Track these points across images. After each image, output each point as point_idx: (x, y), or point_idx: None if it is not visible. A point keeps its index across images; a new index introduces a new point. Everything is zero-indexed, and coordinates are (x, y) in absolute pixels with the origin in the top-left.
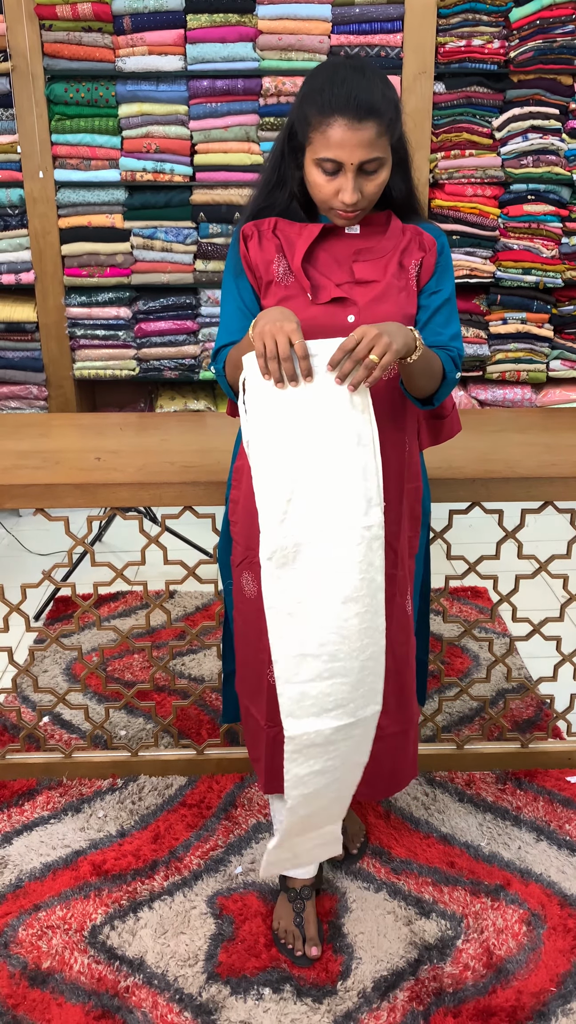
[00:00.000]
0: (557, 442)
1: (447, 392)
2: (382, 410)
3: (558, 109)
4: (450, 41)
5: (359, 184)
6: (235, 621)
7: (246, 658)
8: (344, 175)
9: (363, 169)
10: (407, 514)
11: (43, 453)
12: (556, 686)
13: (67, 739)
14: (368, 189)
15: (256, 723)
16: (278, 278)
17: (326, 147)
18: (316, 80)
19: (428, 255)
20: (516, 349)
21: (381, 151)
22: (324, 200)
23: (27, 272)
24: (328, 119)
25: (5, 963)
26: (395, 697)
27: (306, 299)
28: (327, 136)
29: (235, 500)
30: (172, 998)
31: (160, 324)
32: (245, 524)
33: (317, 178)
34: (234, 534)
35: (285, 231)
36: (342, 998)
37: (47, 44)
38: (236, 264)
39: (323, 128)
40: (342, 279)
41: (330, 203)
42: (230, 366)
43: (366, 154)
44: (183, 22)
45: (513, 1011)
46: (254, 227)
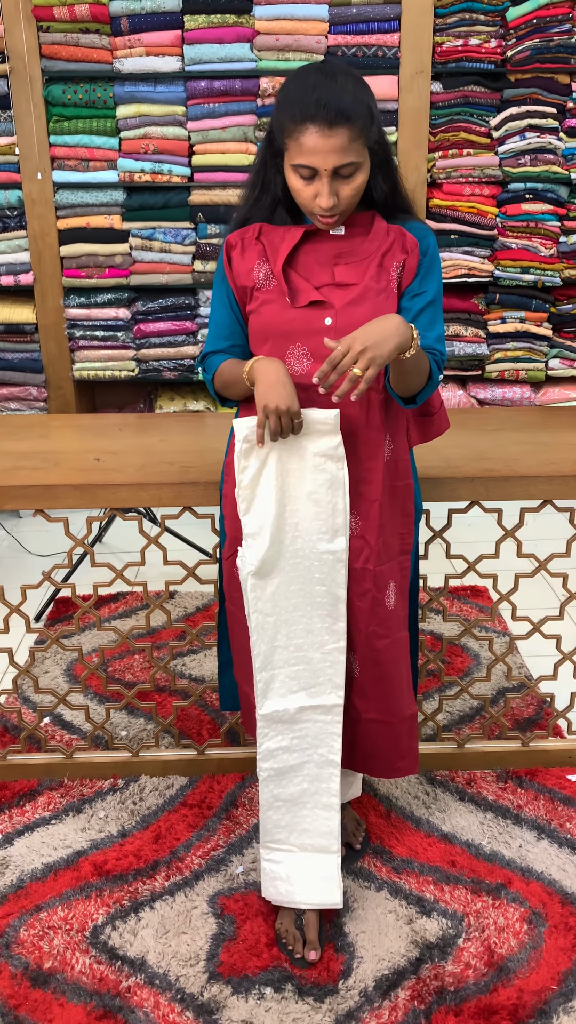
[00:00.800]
0: (556, 441)
1: (430, 392)
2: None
3: (555, 108)
4: (447, 40)
5: (335, 188)
6: (229, 611)
7: (241, 644)
8: (320, 180)
9: (338, 174)
10: (398, 512)
11: (43, 454)
12: (556, 684)
13: (68, 740)
14: (344, 192)
15: (251, 703)
16: (259, 283)
17: (300, 154)
18: (289, 88)
19: (410, 256)
20: (515, 348)
21: (355, 155)
22: (303, 204)
23: (26, 273)
24: (301, 127)
25: (7, 963)
26: (374, 686)
27: (285, 302)
28: (301, 143)
29: (226, 495)
30: (174, 998)
31: (159, 325)
32: (235, 519)
33: (295, 183)
34: (226, 527)
35: (269, 236)
36: (343, 997)
37: (45, 45)
38: (221, 274)
39: (297, 135)
40: (322, 281)
41: (309, 207)
42: (219, 384)
43: (339, 159)
44: (180, 23)
45: (515, 1009)
46: (238, 236)
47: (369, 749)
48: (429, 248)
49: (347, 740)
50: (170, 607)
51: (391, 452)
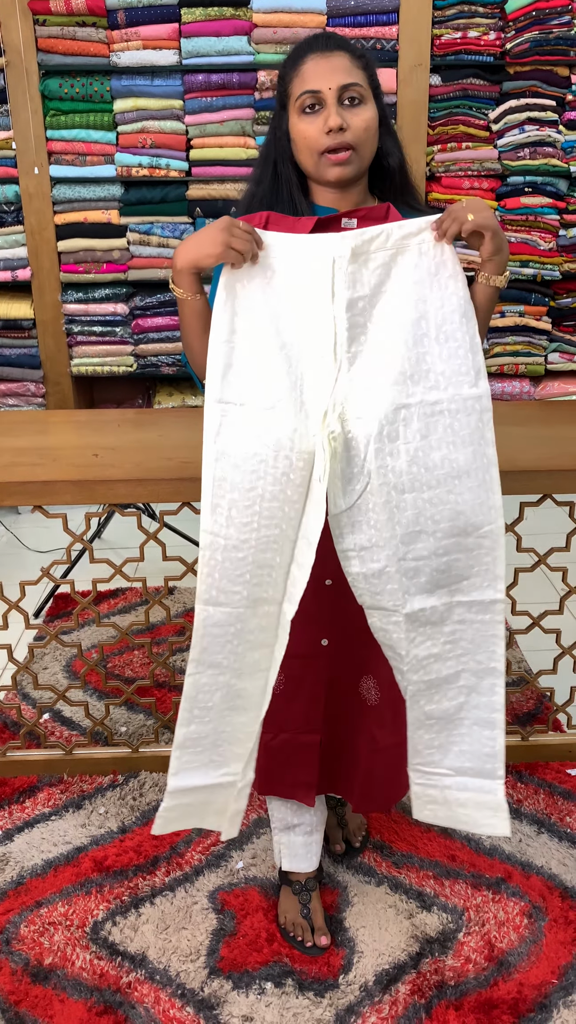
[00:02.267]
0: (556, 435)
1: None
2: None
3: (554, 100)
4: (446, 33)
5: (343, 114)
6: None
7: None
8: (325, 108)
9: (344, 103)
10: None
11: (41, 450)
12: (556, 679)
13: (67, 736)
14: (354, 122)
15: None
16: None
17: (302, 83)
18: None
19: None
20: (514, 342)
21: (359, 79)
22: (311, 147)
23: (23, 269)
24: (301, 60)
25: (7, 959)
26: (391, 707)
27: None
28: (302, 74)
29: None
30: (174, 993)
31: (157, 320)
32: None
33: (301, 125)
34: None
35: (277, 225)
36: (344, 992)
37: (41, 39)
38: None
39: (297, 71)
40: None
41: (318, 145)
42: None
43: (342, 78)
44: (177, 16)
45: (515, 1003)
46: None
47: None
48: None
49: (354, 775)
50: (169, 603)
51: None
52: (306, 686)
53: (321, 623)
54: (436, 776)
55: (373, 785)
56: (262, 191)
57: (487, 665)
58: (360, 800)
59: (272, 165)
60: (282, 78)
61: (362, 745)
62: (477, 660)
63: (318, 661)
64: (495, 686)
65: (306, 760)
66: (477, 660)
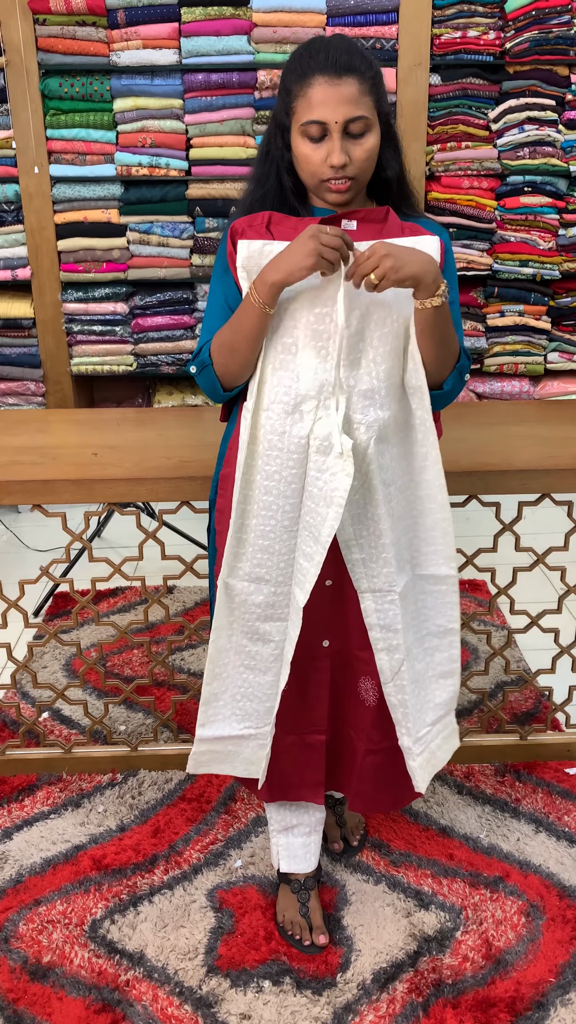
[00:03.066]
0: (555, 434)
1: (456, 386)
2: None
3: (554, 100)
4: (445, 32)
5: (346, 147)
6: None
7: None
8: (330, 138)
9: (349, 132)
10: None
11: (40, 449)
12: (554, 678)
13: (67, 734)
14: (356, 154)
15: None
16: None
17: (308, 110)
18: (294, 55)
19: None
20: (514, 341)
21: (366, 110)
22: (313, 173)
23: (23, 268)
24: (307, 81)
25: (6, 957)
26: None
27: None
28: (308, 98)
29: (220, 510)
30: (172, 991)
31: (157, 319)
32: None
33: (303, 149)
34: (219, 545)
35: (280, 227)
36: (342, 990)
37: (41, 39)
38: (223, 263)
39: (304, 92)
40: None
41: (319, 175)
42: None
43: (350, 111)
44: (177, 15)
45: (512, 1002)
46: (245, 223)
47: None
48: (448, 249)
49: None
50: (168, 602)
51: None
52: (311, 687)
53: (322, 624)
54: (424, 737)
55: (366, 784)
56: (262, 192)
57: (446, 627)
58: (355, 799)
59: (271, 166)
60: (287, 89)
61: (359, 745)
62: (437, 624)
63: (321, 662)
64: (453, 642)
65: (314, 760)
66: (437, 624)
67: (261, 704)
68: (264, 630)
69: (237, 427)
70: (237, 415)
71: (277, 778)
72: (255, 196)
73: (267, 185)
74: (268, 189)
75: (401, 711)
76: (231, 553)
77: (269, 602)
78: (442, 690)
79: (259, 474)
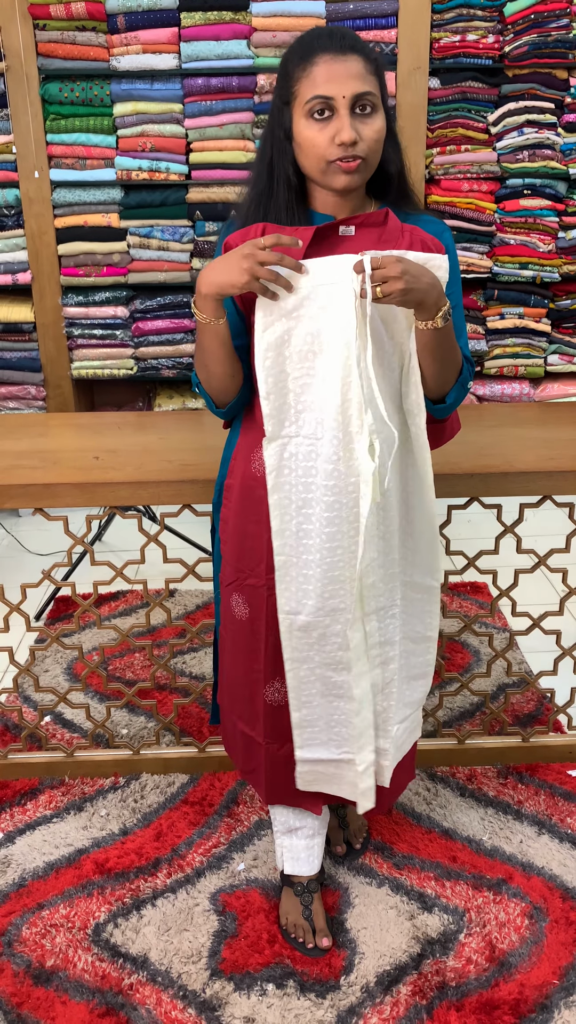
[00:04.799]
0: (555, 436)
1: (461, 396)
2: None
3: (553, 103)
4: (444, 36)
5: (355, 127)
6: (223, 639)
7: (235, 678)
8: (337, 116)
9: (357, 111)
10: None
11: (42, 453)
12: (556, 680)
13: (69, 738)
14: (366, 132)
15: (249, 739)
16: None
17: (313, 87)
18: (294, 43)
19: None
20: (514, 344)
21: (372, 87)
22: (320, 155)
23: (24, 272)
24: (311, 60)
25: (9, 962)
26: None
27: None
28: (313, 76)
29: (224, 519)
30: (176, 995)
31: (157, 323)
32: (235, 544)
33: (308, 132)
34: (224, 552)
35: None
36: (345, 993)
37: (41, 44)
38: None
39: (307, 71)
40: None
41: (327, 155)
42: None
43: (358, 86)
44: (177, 20)
45: (516, 1004)
46: (240, 236)
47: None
48: (451, 248)
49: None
50: (170, 605)
51: None
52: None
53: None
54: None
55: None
56: (258, 193)
57: (423, 633)
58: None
59: (269, 165)
60: (287, 73)
61: None
62: (416, 630)
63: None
64: (429, 648)
65: None
66: (416, 630)
67: (355, 729)
68: (346, 659)
69: (240, 436)
70: (240, 424)
71: (276, 782)
72: (253, 200)
73: (263, 184)
74: (264, 188)
75: (383, 717)
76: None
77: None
78: (413, 690)
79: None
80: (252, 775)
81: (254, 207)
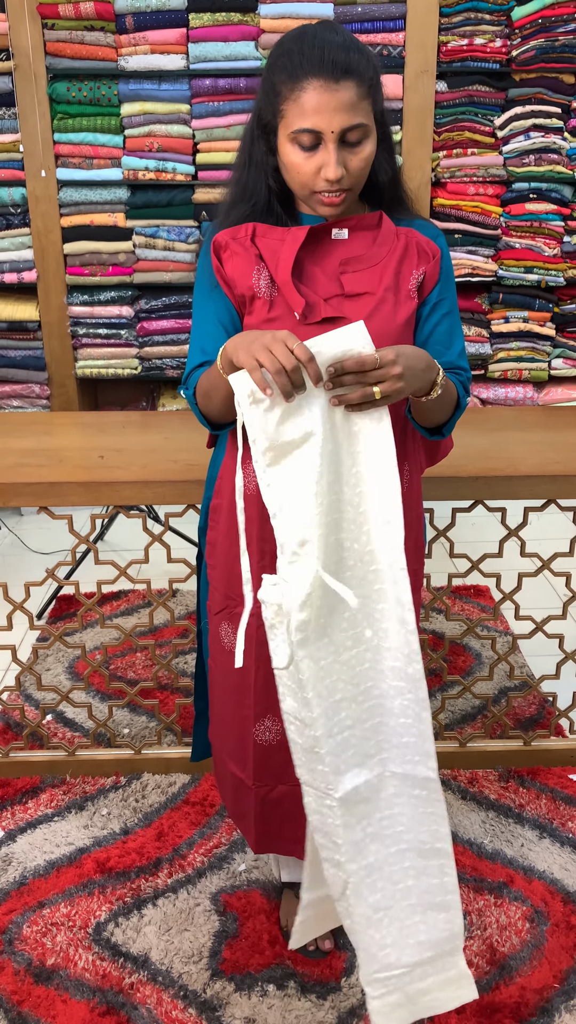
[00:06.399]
0: (559, 440)
1: (456, 419)
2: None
3: (560, 108)
4: (452, 40)
5: (343, 158)
6: (212, 672)
7: (224, 715)
8: (324, 148)
9: (346, 140)
10: (411, 546)
11: (46, 451)
12: (559, 684)
13: (70, 737)
14: (353, 164)
15: (239, 782)
16: (260, 293)
17: (301, 116)
18: (283, 45)
19: (432, 264)
20: (518, 348)
21: (364, 117)
22: (304, 183)
23: (29, 271)
24: (300, 83)
25: (10, 960)
26: None
27: (293, 319)
28: (301, 103)
29: (212, 542)
30: (177, 994)
31: (162, 323)
32: (224, 570)
33: (293, 158)
34: (211, 579)
35: (265, 239)
36: (346, 994)
37: (49, 43)
38: (210, 278)
39: (296, 95)
40: (330, 292)
41: (311, 185)
42: (201, 396)
43: (347, 119)
44: (185, 21)
45: (517, 1007)
46: (229, 236)
47: None
48: (445, 252)
49: None
50: (173, 604)
51: (407, 483)
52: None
53: None
54: (395, 979)
55: None
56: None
57: (432, 846)
58: None
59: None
60: (275, 90)
61: None
62: (420, 840)
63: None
64: (444, 867)
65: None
66: (420, 840)
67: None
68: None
69: (227, 455)
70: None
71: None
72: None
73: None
74: (250, 195)
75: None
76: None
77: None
78: (428, 926)
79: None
80: (242, 820)
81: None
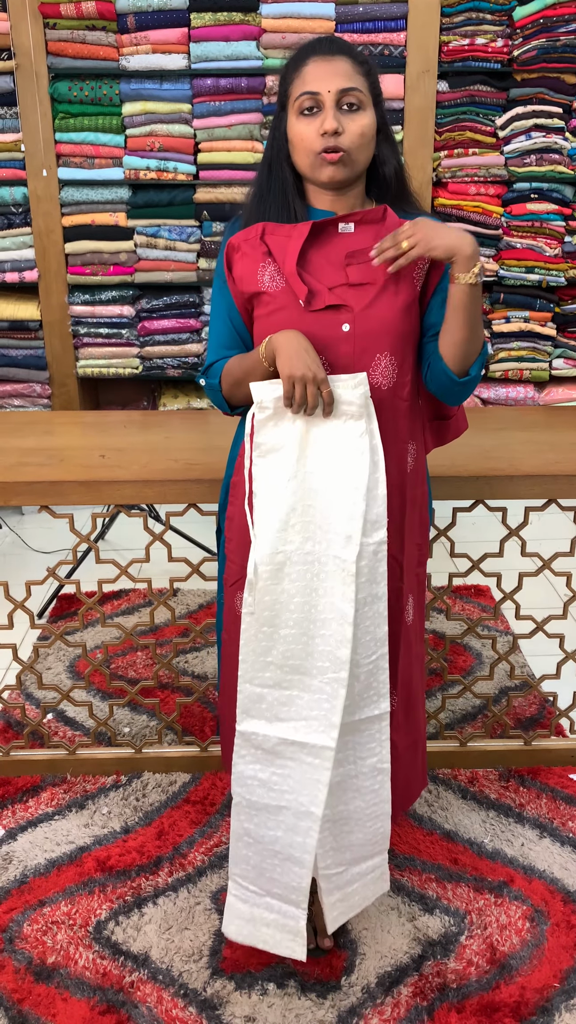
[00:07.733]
0: (560, 440)
1: (482, 362)
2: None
3: (561, 108)
4: (453, 40)
5: (340, 120)
6: (224, 641)
7: (234, 679)
8: (324, 110)
9: (344, 107)
10: (416, 522)
11: (48, 450)
12: (559, 684)
13: (71, 736)
14: (350, 127)
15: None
16: (265, 286)
17: (302, 84)
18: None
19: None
20: (519, 347)
21: (359, 85)
22: (308, 148)
23: (31, 270)
24: (303, 62)
25: (11, 958)
26: (403, 709)
27: (298, 307)
28: (303, 75)
29: (231, 517)
30: (177, 993)
31: (163, 322)
32: (240, 543)
33: (298, 127)
34: (228, 551)
35: (274, 235)
36: (346, 993)
37: (51, 42)
38: (222, 278)
39: (299, 72)
40: (335, 282)
41: (313, 147)
42: (230, 383)
43: (342, 82)
44: (187, 21)
45: (516, 1006)
46: (241, 238)
47: (401, 779)
48: None
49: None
50: (173, 604)
51: (413, 461)
52: None
53: None
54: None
55: (397, 788)
56: (259, 192)
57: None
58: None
59: (268, 165)
60: (283, 79)
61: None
62: (299, 801)
63: None
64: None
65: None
66: (299, 801)
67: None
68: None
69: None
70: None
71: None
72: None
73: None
74: (264, 188)
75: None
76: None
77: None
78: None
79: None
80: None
81: (255, 206)
